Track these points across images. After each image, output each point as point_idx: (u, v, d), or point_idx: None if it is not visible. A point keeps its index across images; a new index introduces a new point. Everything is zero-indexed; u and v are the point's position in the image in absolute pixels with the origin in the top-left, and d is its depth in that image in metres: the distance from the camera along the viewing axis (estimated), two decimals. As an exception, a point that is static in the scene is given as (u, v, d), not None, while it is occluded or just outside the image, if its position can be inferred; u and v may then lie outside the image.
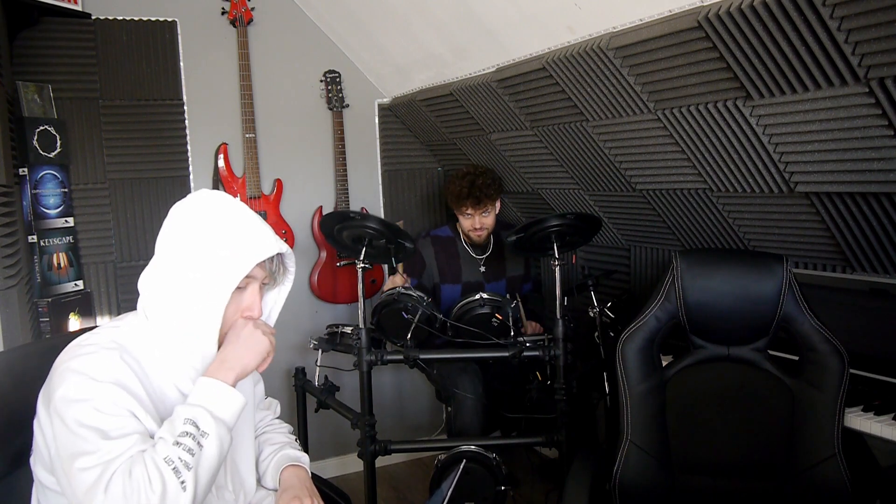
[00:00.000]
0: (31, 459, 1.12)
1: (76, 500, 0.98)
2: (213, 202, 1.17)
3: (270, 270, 1.21)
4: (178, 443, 1.01)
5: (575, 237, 2.26)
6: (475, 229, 2.69)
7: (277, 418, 1.54)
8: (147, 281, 1.16)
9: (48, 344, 1.33)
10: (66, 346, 1.12)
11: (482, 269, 2.76)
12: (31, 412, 1.10)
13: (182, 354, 1.15)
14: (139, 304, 1.17)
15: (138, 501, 0.95)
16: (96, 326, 1.22)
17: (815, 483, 1.61)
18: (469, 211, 2.66)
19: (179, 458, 1.00)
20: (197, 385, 1.10)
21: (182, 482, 0.99)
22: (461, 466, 1.48)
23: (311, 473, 1.41)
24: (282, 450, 1.41)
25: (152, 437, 1.05)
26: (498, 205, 2.73)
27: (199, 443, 1.02)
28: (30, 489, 1.14)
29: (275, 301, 1.31)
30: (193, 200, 1.18)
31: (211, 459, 1.04)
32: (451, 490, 1.28)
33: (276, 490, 1.35)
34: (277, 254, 1.21)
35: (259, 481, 1.37)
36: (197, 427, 1.03)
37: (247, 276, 1.15)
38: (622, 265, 2.66)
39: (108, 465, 0.97)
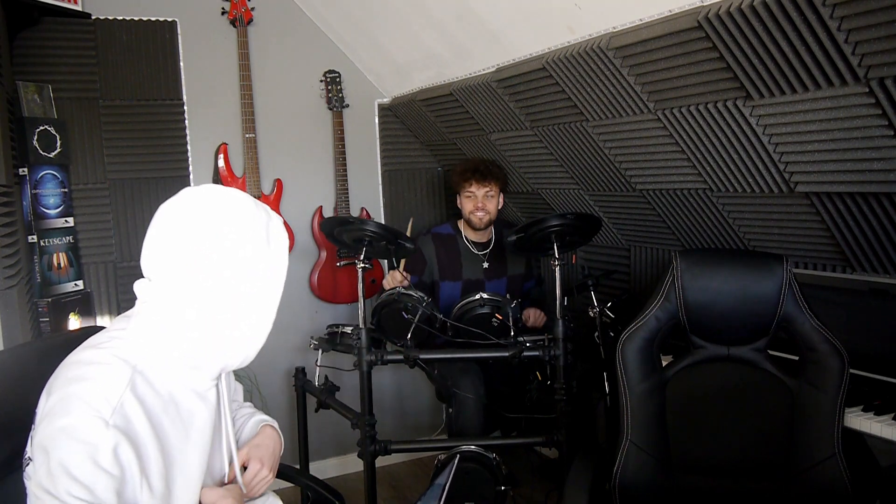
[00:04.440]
0: (26, 472, 1.06)
1: None
2: (226, 202, 1.11)
3: None
4: None
5: (575, 237, 2.26)
6: (476, 209, 2.68)
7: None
8: (171, 294, 1.08)
9: (45, 344, 1.32)
10: (62, 346, 1.11)
11: (485, 265, 2.77)
12: (27, 414, 1.06)
13: (207, 360, 1.12)
14: (145, 313, 1.10)
15: None
16: (102, 328, 1.18)
17: (815, 483, 1.61)
18: (473, 187, 2.66)
19: None
20: None
21: None
22: (455, 462, 1.47)
23: (307, 473, 1.40)
24: (253, 416, 1.43)
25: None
26: (501, 198, 2.74)
27: None
28: (23, 497, 1.12)
29: None
30: (208, 204, 1.10)
31: None
32: (448, 486, 1.27)
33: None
34: None
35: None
36: None
37: None
38: (622, 265, 2.66)
39: None
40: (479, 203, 2.67)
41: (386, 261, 3.21)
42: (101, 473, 0.97)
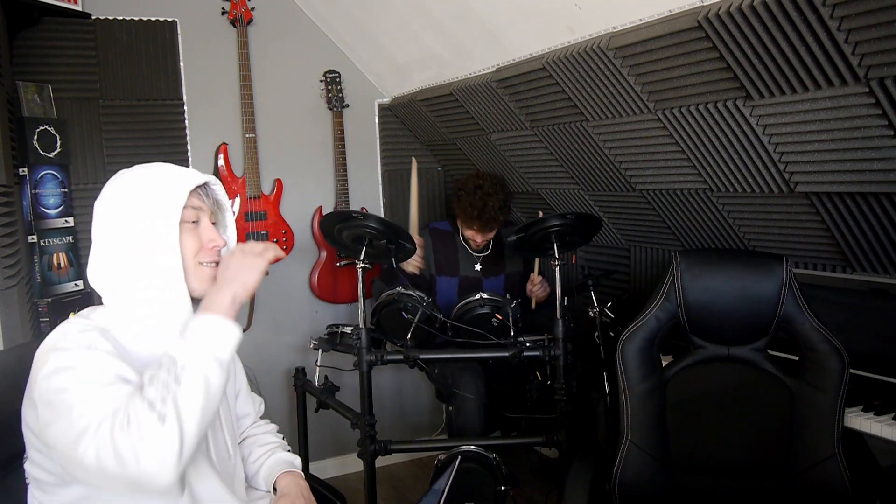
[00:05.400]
0: (27, 464, 1.09)
1: (66, 455, 0.95)
2: (119, 174, 1.17)
3: (209, 203, 1.19)
4: (154, 379, 0.97)
5: (575, 237, 2.26)
6: (475, 240, 2.70)
7: (262, 418, 1.50)
8: (98, 275, 1.12)
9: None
10: None
11: (478, 266, 2.77)
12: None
13: (162, 327, 1.12)
14: (104, 300, 1.14)
15: (124, 444, 0.91)
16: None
17: (815, 483, 1.61)
18: (475, 230, 2.66)
19: (157, 393, 0.95)
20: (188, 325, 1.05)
21: (161, 415, 0.93)
22: (456, 464, 1.47)
23: (307, 472, 1.40)
24: (274, 452, 1.38)
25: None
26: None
27: (176, 377, 0.97)
28: (23, 496, 1.12)
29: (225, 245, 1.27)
30: (106, 185, 1.17)
31: (193, 394, 0.97)
32: (447, 487, 1.27)
33: (267, 491, 1.33)
34: (208, 187, 1.20)
35: (247, 479, 1.36)
36: (175, 362, 0.99)
37: (192, 209, 1.14)
38: (622, 265, 2.66)
39: (96, 413, 0.94)
40: (479, 238, 2.68)
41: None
42: (108, 359, 1.00)
